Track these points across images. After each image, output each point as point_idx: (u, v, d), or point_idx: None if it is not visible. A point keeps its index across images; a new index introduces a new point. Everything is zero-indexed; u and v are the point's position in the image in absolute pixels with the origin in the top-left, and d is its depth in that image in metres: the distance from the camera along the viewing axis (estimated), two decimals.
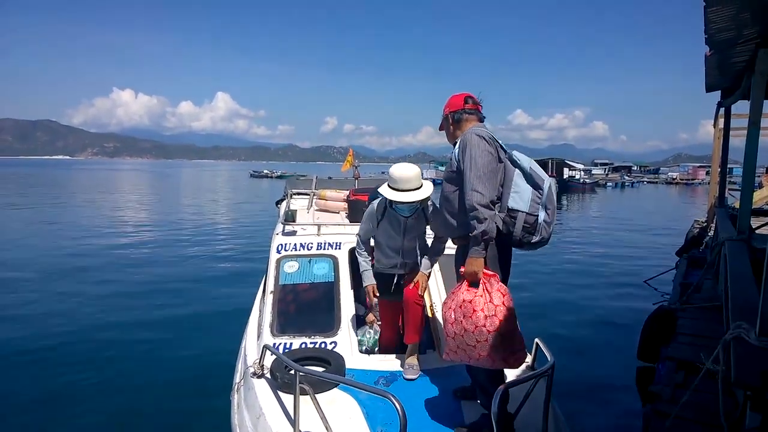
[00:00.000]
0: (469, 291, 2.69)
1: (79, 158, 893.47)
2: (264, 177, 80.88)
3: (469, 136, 2.85)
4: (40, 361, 6.38)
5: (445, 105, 3.17)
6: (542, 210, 2.81)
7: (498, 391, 2.26)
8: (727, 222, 7.69)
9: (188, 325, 7.93)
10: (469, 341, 2.63)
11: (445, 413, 2.96)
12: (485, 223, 2.66)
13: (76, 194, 37.87)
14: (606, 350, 7.19)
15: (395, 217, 3.56)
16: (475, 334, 2.61)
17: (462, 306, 2.65)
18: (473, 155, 2.77)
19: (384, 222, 3.62)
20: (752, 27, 4.79)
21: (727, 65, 6.45)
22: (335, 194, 6.07)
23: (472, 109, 3.08)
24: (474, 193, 2.69)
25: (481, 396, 2.95)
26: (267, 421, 2.84)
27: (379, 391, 2.37)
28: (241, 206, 31.72)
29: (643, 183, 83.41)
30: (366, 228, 3.71)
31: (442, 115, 3.23)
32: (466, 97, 3.10)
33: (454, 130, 3.11)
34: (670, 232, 19.33)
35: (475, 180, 2.71)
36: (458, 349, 2.71)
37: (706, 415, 3.70)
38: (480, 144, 2.80)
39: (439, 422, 2.88)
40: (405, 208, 3.47)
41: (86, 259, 12.90)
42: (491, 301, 2.63)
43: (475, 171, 2.73)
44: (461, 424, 2.85)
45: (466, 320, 2.63)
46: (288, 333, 3.72)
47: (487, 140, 2.83)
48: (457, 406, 3.06)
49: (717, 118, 11.42)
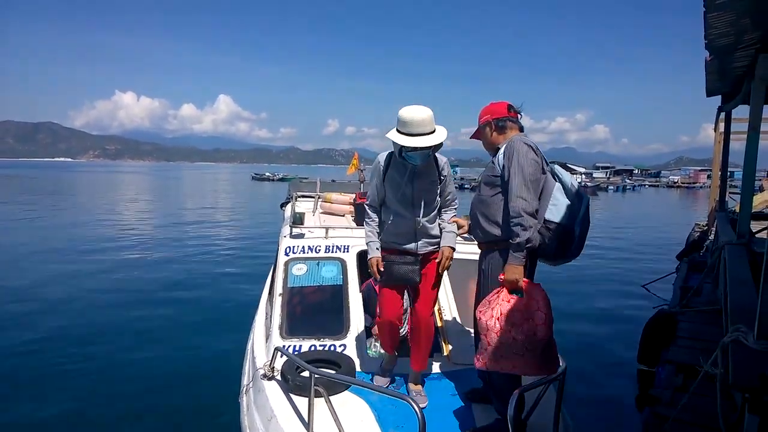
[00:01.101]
0: (514, 300, 2.66)
1: (80, 160, 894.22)
2: (266, 180, 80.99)
3: (517, 144, 2.87)
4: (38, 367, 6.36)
5: (484, 112, 3.15)
6: (578, 226, 2.84)
7: (514, 396, 2.28)
8: (728, 226, 7.71)
9: (193, 327, 7.94)
10: (517, 350, 2.61)
11: (457, 417, 2.99)
12: (530, 231, 2.68)
13: (83, 196, 37.95)
14: (606, 354, 7.20)
15: (403, 165, 3.21)
16: (526, 342, 2.60)
17: (510, 315, 2.62)
18: (521, 163, 2.79)
19: (392, 173, 3.26)
20: (752, 32, 4.82)
21: (727, 70, 6.48)
22: (340, 197, 6.09)
23: (514, 117, 3.10)
24: (520, 200, 2.71)
25: (495, 400, 2.95)
26: (279, 423, 2.85)
27: (397, 394, 2.40)
28: (243, 208, 31.76)
29: (644, 186, 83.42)
30: (373, 186, 3.37)
31: (478, 122, 3.20)
32: (509, 105, 3.11)
33: (497, 137, 3.09)
34: (671, 236, 19.33)
35: (522, 187, 2.74)
36: (502, 358, 2.66)
37: (704, 418, 3.72)
38: (528, 153, 2.83)
39: (452, 425, 2.89)
40: (417, 156, 3.11)
41: (86, 262, 12.92)
42: (540, 309, 2.64)
43: (522, 179, 2.76)
44: (473, 427, 2.88)
45: (516, 329, 2.60)
46: (297, 335, 3.72)
47: (535, 150, 2.87)
48: (469, 409, 3.09)
49: (718, 123, 11.45)
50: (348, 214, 5.79)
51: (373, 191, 3.37)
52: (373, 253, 3.30)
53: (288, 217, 5.30)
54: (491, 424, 2.85)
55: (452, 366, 3.59)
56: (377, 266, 3.26)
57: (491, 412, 2.98)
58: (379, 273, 3.25)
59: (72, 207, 28.78)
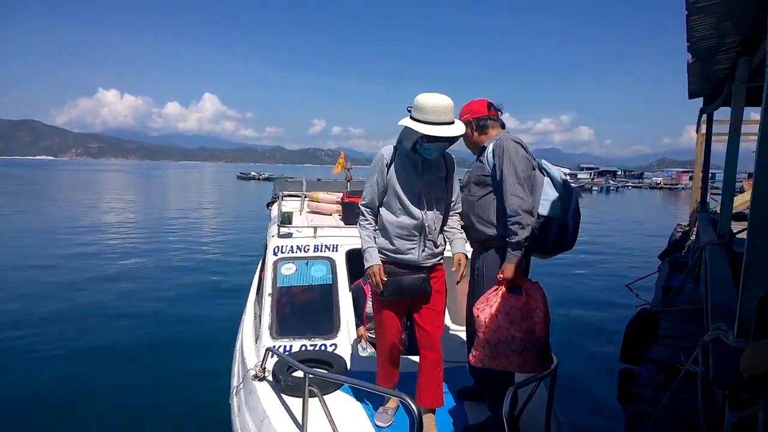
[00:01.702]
0: (513, 298, 2.65)
1: (62, 158, 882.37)
2: (251, 179, 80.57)
3: (506, 142, 2.84)
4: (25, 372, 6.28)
5: (464, 111, 3.10)
6: (570, 219, 2.85)
7: (509, 392, 2.29)
8: (709, 226, 7.81)
9: (178, 328, 7.84)
10: (515, 348, 2.61)
11: (450, 414, 3.01)
12: (528, 229, 2.68)
13: (66, 195, 37.43)
14: (589, 353, 7.26)
15: (410, 160, 2.88)
16: (525, 340, 2.60)
17: (510, 313, 2.61)
18: (513, 161, 2.77)
19: (397, 167, 2.89)
20: (733, 35, 4.89)
21: (709, 73, 6.57)
22: (328, 196, 6.07)
23: (494, 116, 3.07)
24: (516, 198, 2.70)
25: (488, 397, 2.96)
26: (272, 424, 2.83)
27: (394, 393, 2.40)
28: (229, 207, 31.57)
29: (627, 188, 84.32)
30: (371, 183, 2.92)
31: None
32: (489, 104, 3.08)
33: (479, 136, 3.06)
34: (653, 236, 19.55)
35: (516, 186, 2.73)
36: (499, 356, 2.65)
37: (686, 416, 3.76)
38: (519, 150, 2.82)
39: (445, 423, 2.91)
40: (435, 149, 2.79)
41: (68, 266, 12.75)
42: (539, 307, 2.65)
43: (515, 177, 2.74)
44: (466, 424, 2.90)
45: (514, 327, 2.60)
46: (287, 335, 3.71)
47: (524, 146, 2.87)
48: (461, 407, 3.10)
49: (699, 124, 11.61)
50: (335, 213, 5.77)
51: (371, 190, 2.95)
52: (374, 260, 2.88)
53: (275, 216, 5.28)
54: (484, 422, 2.87)
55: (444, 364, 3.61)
56: (379, 276, 2.84)
57: (483, 410, 2.99)
58: (382, 284, 2.83)
59: (55, 206, 28.35)
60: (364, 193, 3.01)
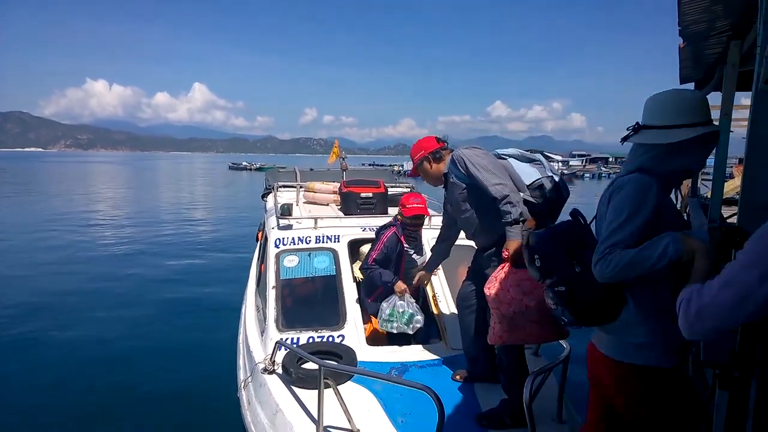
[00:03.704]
0: (520, 271, 2.67)
1: (51, 150, 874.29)
2: (243, 169, 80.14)
3: (460, 153, 3.08)
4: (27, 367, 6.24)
5: (416, 150, 3.35)
6: (552, 172, 3.07)
7: (529, 379, 2.33)
8: (699, 211, 7.85)
9: (176, 323, 7.82)
10: (532, 317, 2.66)
11: (462, 402, 3.04)
12: (519, 205, 2.84)
13: (58, 188, 37.14)
14: (582, 339, 7.31)
15: None
16: (539, 307, 2.64)
17: (520, 284, 2.65)
18: (474, 162, 2.98)
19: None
20: (724, 19, 4.89)
21: (700, 57, 6.57)
22: (324, 186, 6.02)
23: (443, 146, 3.32)
24: (496, 186, 2.88)
25: (505, 380, 3.00)
26: (286, 416, 2.83)
27: (415, 384, 2.38)
28: (222, 199, 31.45)
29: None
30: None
31: (412, 162, 3.38)
32: (436, 138, 3.36)
33: (437, 166, 3.30)
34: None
35: (490, 176, 2.92)
36: (516, 329, 2.69)
37: None
38: (475, 152, 3.05)
39: (458, 411, 2.93)
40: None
41: (60, 256, 12.68)
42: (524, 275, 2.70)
43: (485, 173, 2.94)
44: (479, 411, 2.92)
45: (527, 297, 2.65)
46: (294, 328, 3.70)
47: (477, 147, 3.08)
48: (472, 393, 3.14)
49: None
50: (332, 203, 5.73)
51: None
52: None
53: (271, 207, 5.23)
54: (497, 407, 2.90)
55: (450, 351, 3.64)
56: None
57: (494, 393, 3.03)
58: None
59: (49, 199, 28.15)
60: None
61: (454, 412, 2.89)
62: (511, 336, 2.73)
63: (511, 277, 2.69)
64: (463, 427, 2.77)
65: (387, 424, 2.75)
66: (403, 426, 2.72)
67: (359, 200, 5.12)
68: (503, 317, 2.69)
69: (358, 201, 5.11)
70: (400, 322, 3.66)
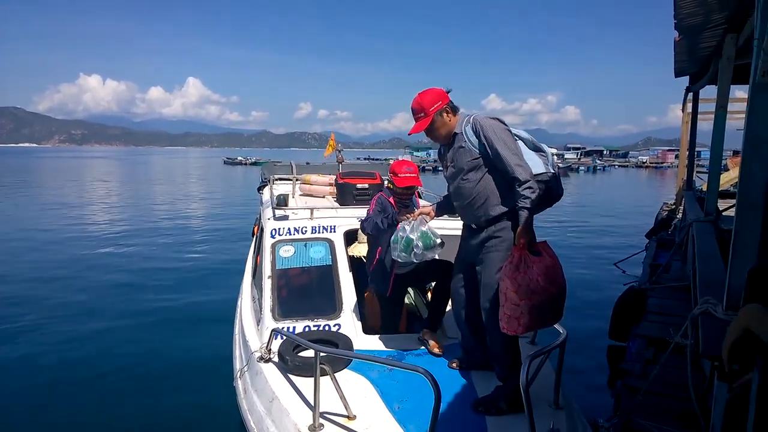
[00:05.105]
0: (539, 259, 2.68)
1: (46, 146, 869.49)
2: (238, 164, 79.84)
3: (484, 121, 2.93)
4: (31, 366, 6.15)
5: (432, 101, 3.02)
6: (553, 168, 3.00)
7: (525, 363, 2.31)
8: (695, 204, 7.91)
9: (172, 314, 7.81)
10: (552, 305, 2.69)
11: (459, 388, 3.04)
12: (538, 191, 2.80)
13: (54, 183, 36.96)
14: (578, 330, 7.34)
15: None
16: (557, 295, 2.69)
17: (547, 273, 2.65)
18: (500, 136, 2.87)
19: None
20: (720, 12, 4.90)
21: (695, 50, 6.59)
22: (320, 178, 6.07)
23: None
24: (521, 168, 2.80)
25: (500, 368, 3.01)
26: (282, 404, 2.84)
27: (413, 367, 2.37)
28: (218, 192, 31.38)
29: (614, 167, 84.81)
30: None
31: (425, 114, 3.02)
32: (446, 89, 3.10)
33: (453, 119, 3.06)
34: (640, 215, 19.74)
35: (514, 156, 2.83)
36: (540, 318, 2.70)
37: (674, 388, 3.85)
38: (497, 123, 2.93)
39: (455, 397, 2.94)
40: None
41: (59, 253, 12.65)
42: (557, 262, 2.74)
43: (509, 149, 2.85)
44: (475, 397, 2.92)
45: (553, 285, 2.66)
46: (290, 317, 3.71)
47: (498, 119, 2.96)
48: (469, 380, 3.15)
49: (685, 103, 11.67)
50: (329, 195, 5.75)
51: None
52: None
53: (267, 199, 5.24)
54: (492, 393, 2.90)
55: (447, 340, 3.67)
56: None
57: (490, 381, 3.04)
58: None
59: (43, 194, 28.01)
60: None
61: (451, 399, 2.90)
62: (536, 325, 2.74)
63: (537, 266, 2.65)
64: (459, 413, 2.78)
65: (383, 411, 2.75)
66: (400, 412, 2.73)
67: (355, 191, 5.12)
68: (533, 308, 2.64)
69: (354, 192, 5.12)
70: (425, 244, 3.33)
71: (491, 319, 2.91)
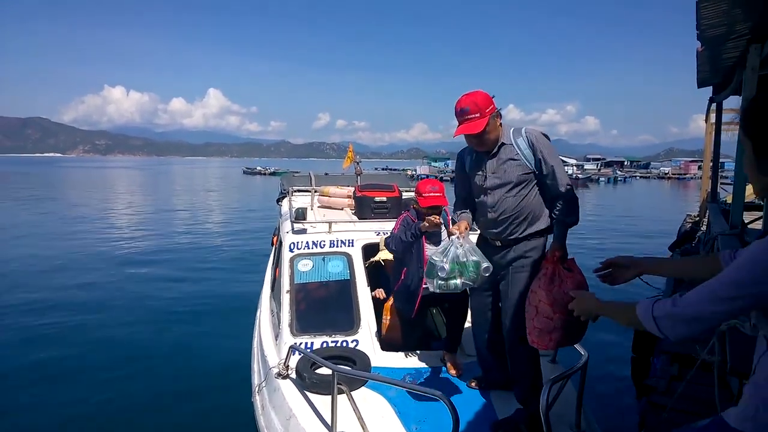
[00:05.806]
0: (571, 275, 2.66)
1: (70, 156, 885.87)
2: (257, 174, 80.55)
3: (539, 136, 2.94)
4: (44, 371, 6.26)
5: (486, 103, 2.86)
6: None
7: (546, 386, 2.30)
8: (720, 217, 7.76)
9: (194, 326, 7.85)
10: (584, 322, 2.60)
11: (478, 409, 3.00)
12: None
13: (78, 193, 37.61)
14: (601, 345, 7.24)
15: None
16: None
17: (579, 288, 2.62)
18: (553, 152, 2.91)
19: None
20: (743, 23, 4.84)
21: (718, 61, 6.51)
22: (338, 191, 6.03)
23: None
24: (569, 187, 2.87)
25: (520, 390, 2.97)
26: (299, 422, 2.82)
27: (430, 391, 2.34)
28: (238, 203, 31.63)
29: (635, 178, 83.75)
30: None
31: (480, 114, 2.82)
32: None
33: (499, 127, 2.95)
34: (663, 227, 19.43)
35: (565, 174, 2.91)
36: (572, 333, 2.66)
37: (701, 405, 3.75)
38: (546, 139, 2.96)
39: (473, 418, 2.90)
40: None
41: (76, 260, 12.84)
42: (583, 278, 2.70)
43: (561, 166, 2.92)
44: (494, 418, 2.88)
45: None
46: (308, 332, 3.69)
47: (543, 133, 2.99)
48: (488, 401, 3.10)
49: (709, 113, 11.52)
50: (347, 207, 5.74)
51: None
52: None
53: (286, 212, 5.26)
54: (512, 416, 2.85)
55: (466, 358, 3.62)
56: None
57: (509, 401, 3.00)
58: None
59: (69, 205, 28.53)
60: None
61: (469, 420, 2.86)
62: (566, 341, 2.67)
63: (570, 280, 2.61)
64: None
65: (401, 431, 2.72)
66: None
67: (373, 204, 5.11)
68: (566, 322, 2.57)
69: (372, 205, 5.10)
70: (470, 274, 2.85)
71: (514, 339, 2.88)
